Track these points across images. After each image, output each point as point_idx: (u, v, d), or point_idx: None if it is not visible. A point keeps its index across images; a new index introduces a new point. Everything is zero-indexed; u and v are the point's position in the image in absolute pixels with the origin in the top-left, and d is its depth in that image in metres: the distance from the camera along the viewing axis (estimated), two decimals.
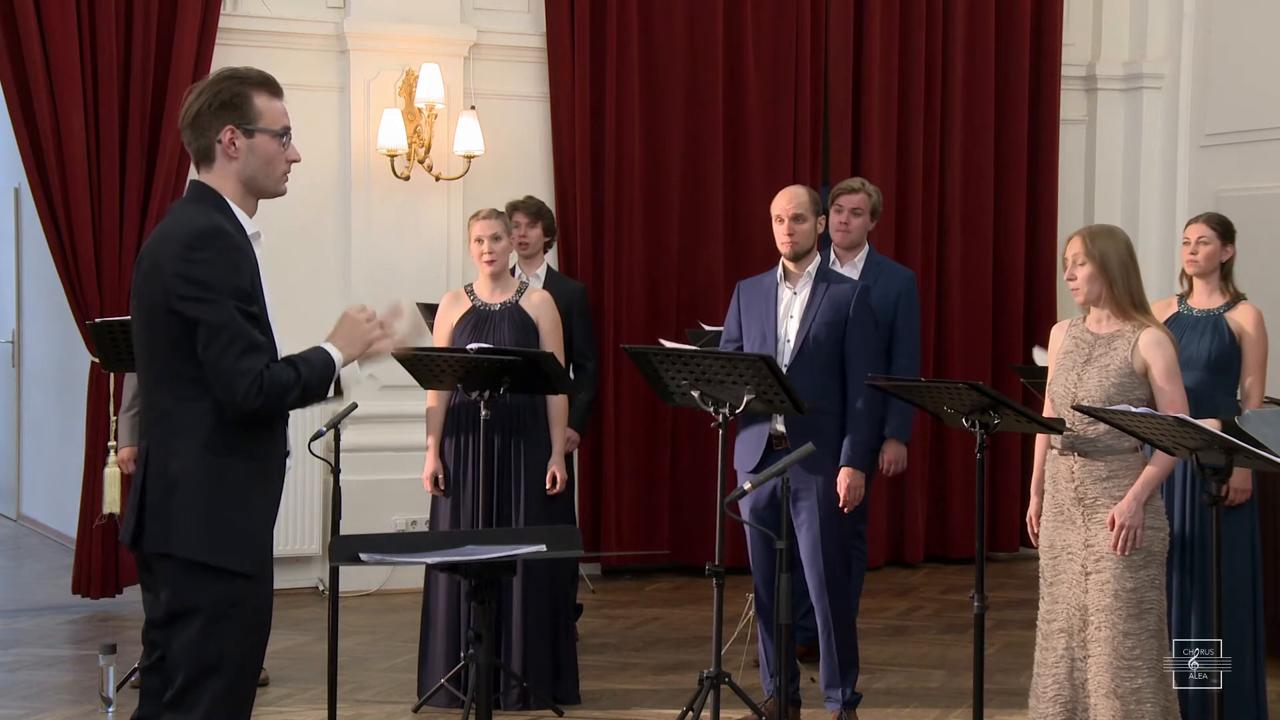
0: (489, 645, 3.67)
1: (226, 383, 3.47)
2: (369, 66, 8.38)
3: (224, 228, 3.54)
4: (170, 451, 3.53)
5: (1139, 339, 4.78)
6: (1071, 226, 9.71)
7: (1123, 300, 4.83)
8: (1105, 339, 4.85)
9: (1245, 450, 4.21)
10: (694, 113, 8.90)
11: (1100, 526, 4.76)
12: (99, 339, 6.20)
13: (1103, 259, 4.81)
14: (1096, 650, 4.74)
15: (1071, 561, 4.84)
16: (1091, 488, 4.80)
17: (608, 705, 6.20)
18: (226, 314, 3.47)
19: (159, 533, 3.53)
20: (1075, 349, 4.92)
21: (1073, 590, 4.82)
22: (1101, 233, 4.91)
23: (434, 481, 6.10)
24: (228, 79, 3.66)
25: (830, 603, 5.71)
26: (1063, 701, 4.82)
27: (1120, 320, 4.84)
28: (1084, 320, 4.96)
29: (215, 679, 3.53)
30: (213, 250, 3.49)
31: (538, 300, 6.15)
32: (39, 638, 7.37)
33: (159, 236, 3.61)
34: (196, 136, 3.63)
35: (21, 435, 10.94)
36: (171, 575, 3.54)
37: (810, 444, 4.95)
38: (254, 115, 3.62)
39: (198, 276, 3.47)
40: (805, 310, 5.70)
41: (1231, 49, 9.31)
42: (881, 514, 9.12)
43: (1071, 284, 4.89)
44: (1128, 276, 4.83)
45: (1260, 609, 5.73)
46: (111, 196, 7.62)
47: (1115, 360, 4.79)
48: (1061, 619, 4.85)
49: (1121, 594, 4.70)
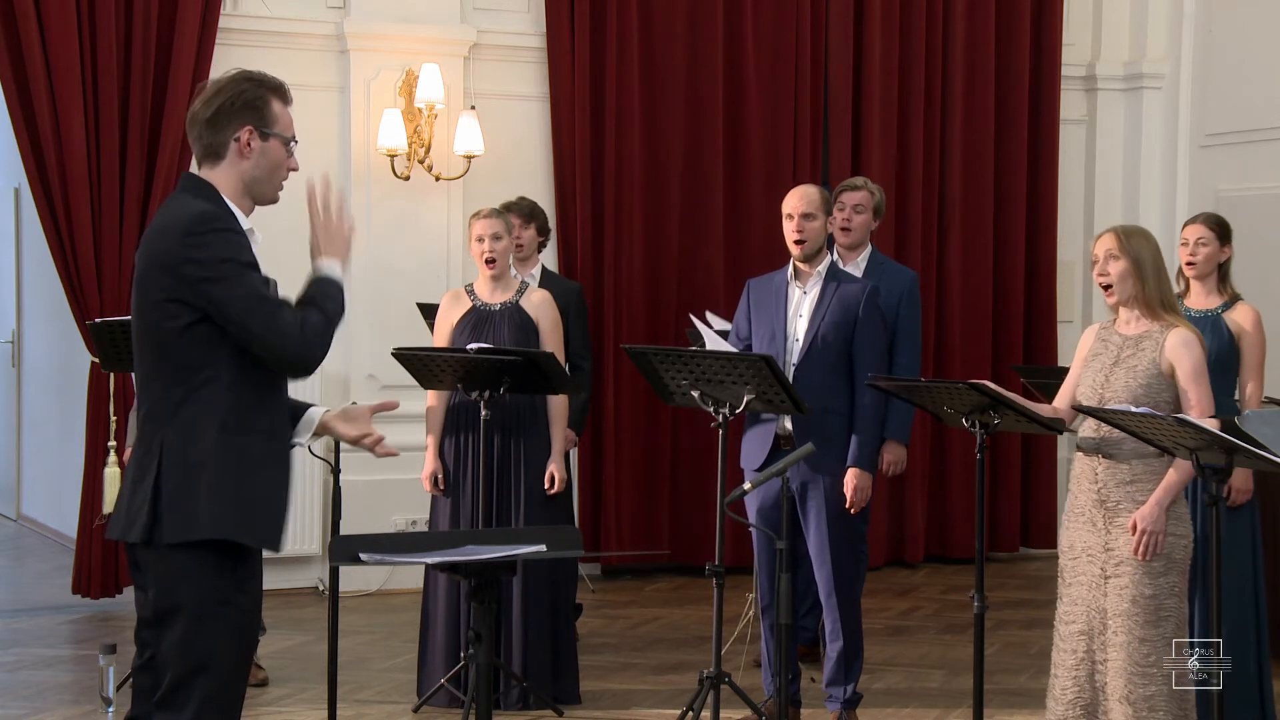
0: (489, 645, 3.66)
1: (277, 346, 3.56)
2: (369, 66, 8.38)
3: (219, 213, 3.61)
4: (189, 439, 3.54)
5: (1166, 340, 4.75)
6: (1071, 226, 9.79)
7: (1153, 300, 4.79)
8: (1133, 340, 4.82)
9: (1245, 450, 4.21)
10: (694, 113, 8.90)
11: (1121, 530, 4.72)
12: (99, 339, 6.20)
13: (1137, 257, 4.78)
14: (1113, 655, 4.70)
15: (1091, 564, 4.79)
16: (1115, 491, 4.75)
17: (608, 705, 6.20)
18: (246, 284, 3.54)
19: (180, 521, 3.51)
20: (1104, 351, 4.88)
21: (1092, 593, 4.78)
22: (1135, 232, 4.88)
23: (433, 481, 6.10)
24: (250, 80, 3.71)
25: (839, 602, 5.72)
26: (1083, 704, 4.78)
27: (1149, 321, 4.81)
28: (1113, 323, 4.92)
29: (205, 677, 3.53)
30: (213, 231, 3.54)
31: (538, 300, 6.15)
32: (39, 638, 7.37)
33: (156, 231, 3.63)
34: (212, 133, 3.66)
35: (21, 435, 10.94)
36: (163, 572, 3.54)
37: (810, 444, 4.95)
38: (271, 119, 3.70)
39: (205, 257, 3.51)
40: (815, 310, 5.70)
41: (1231, 49, 9.31)
42: (881, 514, 9.11)
43: (1102, 280, 4.84)
44: (1159, 277, 4.80)
45: (1263, 608, 5.72)
46: (111, 196, 7.62)
47: (1143, 361, 4.76)
48: (1081, 621, 4.80)
49: (1140, 600, 4.67)
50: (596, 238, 8.71)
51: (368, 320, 8.32)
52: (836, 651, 5.77)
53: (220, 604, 3.54)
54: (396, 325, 7.88)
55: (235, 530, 3.54)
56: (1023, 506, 9.62)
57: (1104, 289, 4.88)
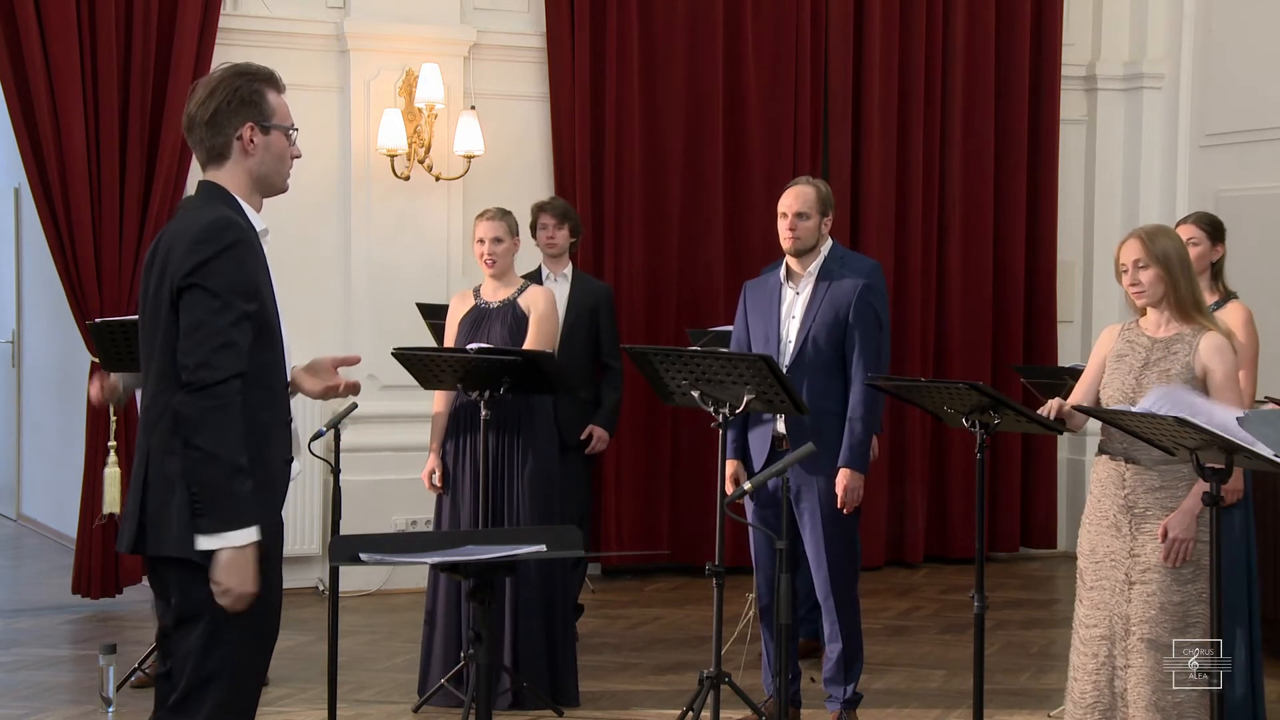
0: (489, 645, 3.66)
1: (193, 362, 3.38)
2: (369, 66, 8.38)
3: (235, 220, 3.54)
4: (168, 450, 3.47)
5: (1200, 343, 4.69)
6: (1072, 226, 9.79)
7: (1185, 301, 4.73)
8: (1164, 343, 4.75)
9: (1245, 450, 4.21)
10: (694, 113, 8.90)
11: (1149, 537, 4.67)
12: (99, 339, 6.19)
13: (1166, 259, 4.71)
14: (1138, 661, 4.65)
15: (1115, 569, 4.74)
16: (1143, 497, 4.71)
17: (608, 705, 6.20)
18: (221, 311, 3.42)
19: (155, 536, 3.49)
20: (1130, 352, 4.80)
21: (1115, 598, 4.73)
22: (1160, 233, 4.80)
23: (432, 479, 6.09)
24: (241, 75, 3.66)
25: (837, 603, 5.72)
26: (1101, 709, 4.74)
27: (1180, 323, 4.74)
28: (1137, 324, 4.85)
29: (217, 685, 3.50)
30: (219, 244, 3.46)
31: (533, 295, 6.16)
32: (39, 638, 7.37)
33: (171, 234, 3.57)
34: (213, 134, 3.62)
35: (21, 435, 10.94)
36: (178, 580, 3.50)
37: (810, 444, 4.94)
38: (269, 112, 3.66)
39: (201, 266, 3.43)
40: (806, 311, 5.70)
41: (1231, 49, 9.31)
42: (881, 514, 9.12)
43: (1135, 289, 4.74)
44: (1188, 277, 4.75)
45: (1256, 609, 5.71)
46: (111, 196, 7.62)
47: (1176, 365, 4.69)
48: (1103, 625, 4.75)
49: (1168, 607, 4.63)
50: (596, 238, 8.71)
51: (368, 320, 8.33)
52: (836, 652, 5.76)
53: (235, 612, 3.46)
54: (396, 325, 7.88)
55: (193, 552, 3.41)
56: (1023, 506, 9.62)
57: (1133, 293, 4.78)
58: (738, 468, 5.72)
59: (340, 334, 8.31)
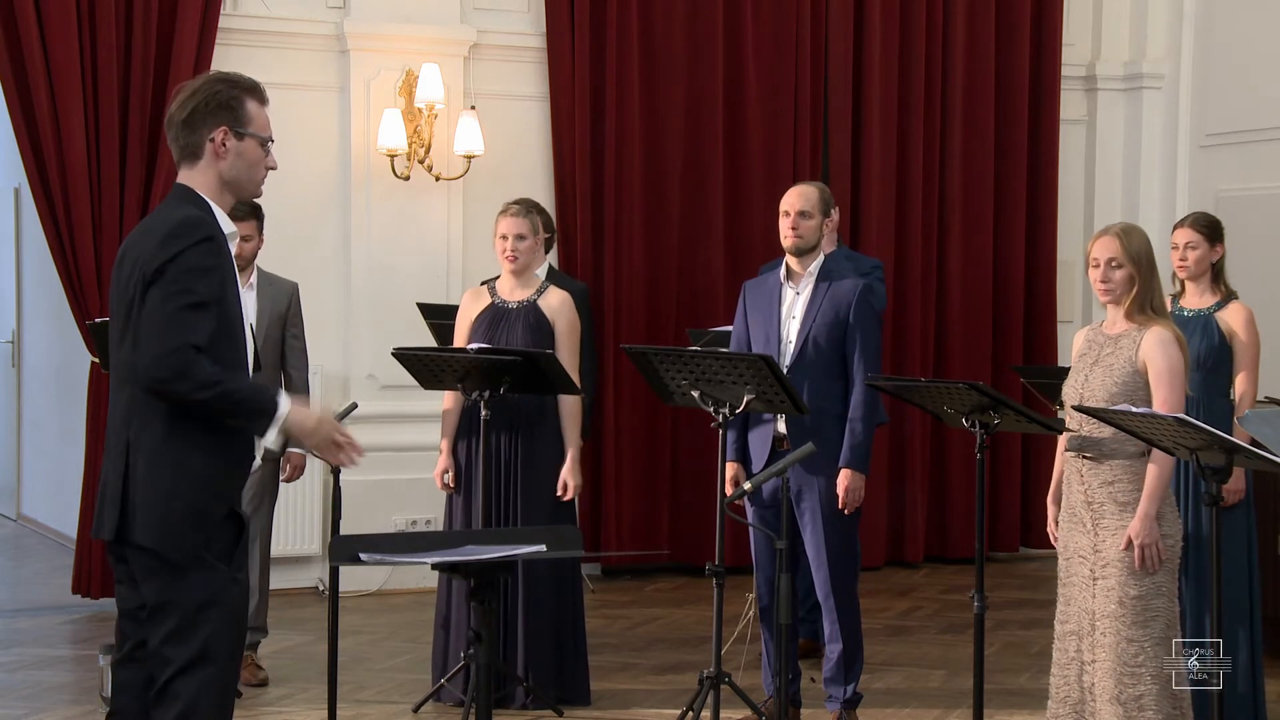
0: (489, 645, 3.66)
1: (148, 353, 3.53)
2: (369, 66, 8.38)
3: (206, 219, 3.66)
4: (139, 444, 3.60)
5: (1143, 338, 4.74)
6: (1072, 226, 9.79)
7: (1143, 299, 4.77)
8: (1113, 339, 4.82)
9: (1245, 450, 4.21)
10: (694, 113, 8.90)
11: (1107, 532, 4.73)
12: (99, 339, 6.21)
13: (1138, 260, 4.75)
14: (1101, 655, 4.72)
15: (1082, 565, 4.81)
16: (1098, 491, 4.77)
17: (608, 705, 6.20)
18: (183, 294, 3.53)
19: (145, 525, 3.60)
20: (1088, 351, 4.89)
21: (1082, 594, 4.80)
22: (1134, 231, 4.83)
23: (445, 479, 6.07)
24: (222, 82, 3.79)
25: (837, 603, 5.72)
26: (1071, 703, 4.81)
27: (1131, 320, 4.79)
28: (1101, 325, 4.92)
29: (201, 668, 3.59)
30: (191, 238, 3.57)
31: (556, 302, 6.08)
32: (39, 638, 7.37)
33: (141, 231, 3.71)
34: (188, 134, 3.73)
35: (21, 435, 10.94)
36: (153, 569, 3.60)
37: (810, 444, 4.94)
38: (246, 119, 3.76)
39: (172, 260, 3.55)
40: (806, 311, 5.70)
41: (1231, 49, 9.32)
42: (881, 514, 9.12)
43: (1104, 285, 4.79)
44: (1154, 276, 4.79)
45: (1258, 609, 5.73)
46: (111, 196, 7.62)
47: (1120, 360, 4.76)
48: (1073, 621, 4.83)
49: (1126, 600, 4.68)
50: (596, 237, 8.71)
51: (368, 320, 8.33)
52: (836, 652, 5.76)
53: (214, 594, 3.60)
54: (397, 325, 7.88)
55: (159, 542, 3.57)
56: (1023, 506, 9.62)
57: (1101, 289, 4.83)
58: (738, 470, 5.72)
59: (340, 334, 8.31)
